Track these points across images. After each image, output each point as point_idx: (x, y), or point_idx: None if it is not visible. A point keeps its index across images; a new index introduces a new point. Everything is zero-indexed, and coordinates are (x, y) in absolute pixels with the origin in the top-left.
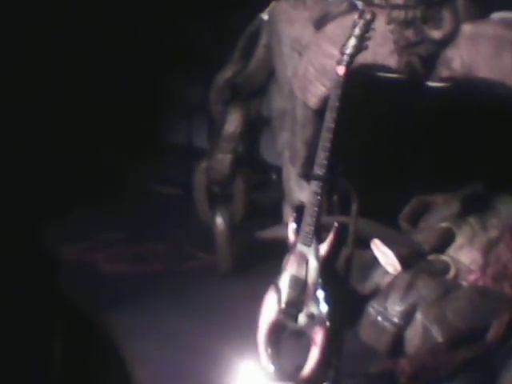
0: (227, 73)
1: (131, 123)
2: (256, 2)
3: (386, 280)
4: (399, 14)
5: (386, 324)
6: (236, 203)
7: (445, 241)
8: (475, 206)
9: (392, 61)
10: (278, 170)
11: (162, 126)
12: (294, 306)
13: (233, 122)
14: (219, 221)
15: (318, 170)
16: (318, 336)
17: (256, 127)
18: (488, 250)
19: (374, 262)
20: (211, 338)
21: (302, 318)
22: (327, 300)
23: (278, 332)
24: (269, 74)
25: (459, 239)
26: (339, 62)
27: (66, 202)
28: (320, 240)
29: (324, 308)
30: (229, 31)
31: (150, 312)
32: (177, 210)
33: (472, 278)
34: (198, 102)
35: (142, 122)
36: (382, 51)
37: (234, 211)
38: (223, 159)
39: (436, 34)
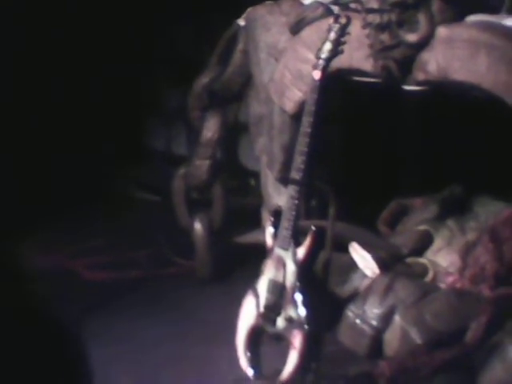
0: (204, 79)
1: (111, 130)
2: (234, 7)
3: (365, 283)
4: (374, 18)
5: (365, 327)
6: (215, 209)
7: (423, 243)
8: (453, 209)
9: (368, 65)
10: (256, 175)
11: (142, 132)
12: (272, 309)
13: (211, 128)
14: (198, 226)
15: (296, 175)
16: (297, 339)
17: (234, 133)
18: (466, 252)
19: (353, 266)
20: (190, 343)
21: (280, 322)
22: (305, 303)
23: (256, 336)
24: (246, 80)
25: (437, 242)
26: (315, 67)
27: (46, 210)
28: (298, 244)
29: (302, 311)
30: (207, 37)
31: (130, 318)
32: (156, 216)
33: (450, 280)
34: (176, 109)
35: (121, 129)
36: (358, 55)
37: (213, 217)
38: (201, 165)
39: (411, 38)
